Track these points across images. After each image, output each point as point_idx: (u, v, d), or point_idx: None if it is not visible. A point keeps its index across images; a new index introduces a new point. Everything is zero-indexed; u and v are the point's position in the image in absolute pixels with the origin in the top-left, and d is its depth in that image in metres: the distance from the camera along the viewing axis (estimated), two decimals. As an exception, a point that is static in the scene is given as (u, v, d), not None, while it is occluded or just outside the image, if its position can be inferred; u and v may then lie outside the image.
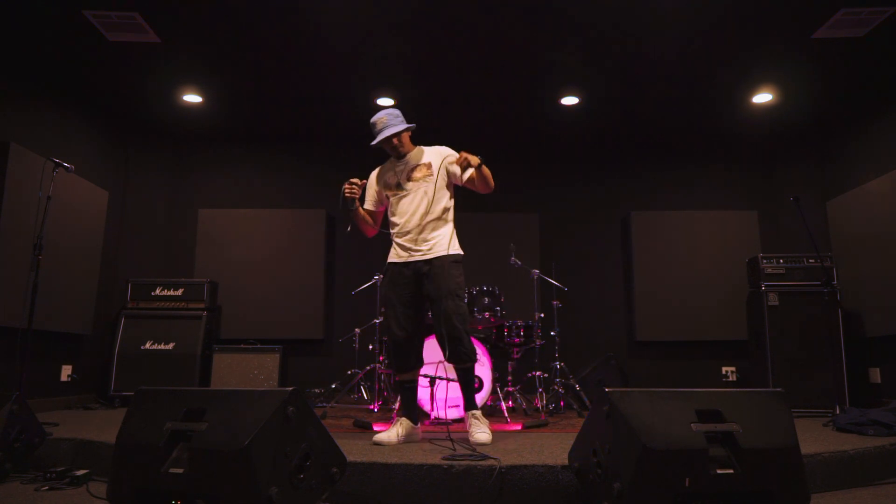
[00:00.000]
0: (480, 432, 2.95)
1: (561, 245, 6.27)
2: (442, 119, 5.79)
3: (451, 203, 3.24)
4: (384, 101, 5.41)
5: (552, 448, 2.76)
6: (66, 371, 4.95)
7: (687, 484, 1.86)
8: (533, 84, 5.12)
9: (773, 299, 4.83)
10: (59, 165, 3.60)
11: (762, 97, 5.30)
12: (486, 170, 3.08)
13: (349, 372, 4.91)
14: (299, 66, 4.83)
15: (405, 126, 3.17)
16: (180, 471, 1.92)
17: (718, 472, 1.90)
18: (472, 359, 3.10)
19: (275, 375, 5.17)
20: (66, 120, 5.07)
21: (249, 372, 5.17)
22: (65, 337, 4.92)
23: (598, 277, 6.26)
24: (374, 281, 4.81)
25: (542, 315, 4.79)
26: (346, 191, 3.12)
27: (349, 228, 3.31)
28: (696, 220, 6.13)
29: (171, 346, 5.18)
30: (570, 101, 5.41)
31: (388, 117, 3.15)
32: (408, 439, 3.04)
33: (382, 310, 4.79)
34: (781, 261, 4.91)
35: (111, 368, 5.09)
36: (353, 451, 2.63)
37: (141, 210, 6.01)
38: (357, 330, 5.02)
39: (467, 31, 4.33)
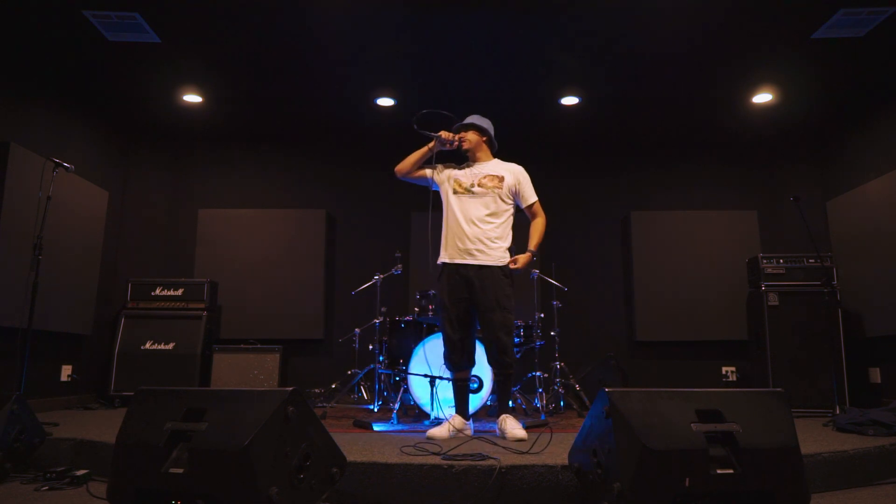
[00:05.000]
0: (518, 429, 3.06)
1: (561, 245, 6.27)
2: (441, 119, 5.78)
3: (512, 219, 3.41)
4: (384, 101, 5.41)
5: (552, 448, 2.76)
6: (66, 371, 4.94)
7: (687, 484, 1.86)
8: (533, 84, 5.12)
9: (773, 299, 4.83)
10: (59, 165, 3.60)
11: (762, 97, 5.30)
12: (537, 245, 3.42)
13: (349, 372, 4.91)
14: (299, 66, 4.83)
15: (487, 127, 3.44)
16: (180, 471, 1.92)
17: (718, 472, 1.90)
18: (513, 367, 3.24)
19: (275, 375, 5.17)
20: (66, 120, 5.07)
21: (249, 372, 5.17)
22: (65, 337, 4.91)
23: (598, 277, 6.25)
24: (374, 281, 4.81)
25: (542, 315, 4.79)
26: (444, 134, 3.34)
27: (416, 126, 3.39)
28: (695, 220, 6.11)
29: (171, 346, 5.18)
30: (570, 101, 5.41)
31: (477, 117, 3.49)
32: (458, 433, 3.16)
33: (383, 309, 4.79)
34: (781, 261, 4.91)
35: (111, 368, 5.08)
36: (353, 451, 2.63)
37: (141, 210, 6.01)
38: (357, 330, 5.02)
39: (467, 31, 4.33)
